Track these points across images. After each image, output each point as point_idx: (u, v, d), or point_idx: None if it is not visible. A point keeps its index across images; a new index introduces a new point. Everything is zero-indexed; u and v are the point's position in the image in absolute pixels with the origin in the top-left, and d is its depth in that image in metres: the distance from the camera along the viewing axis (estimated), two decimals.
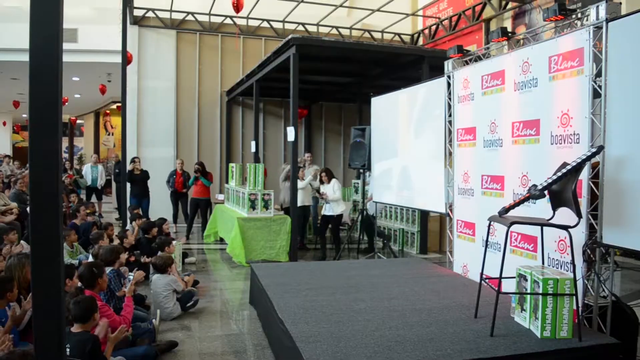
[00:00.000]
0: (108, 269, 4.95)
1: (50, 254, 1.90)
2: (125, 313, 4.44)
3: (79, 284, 4.25)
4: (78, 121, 28.19)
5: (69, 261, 5.87)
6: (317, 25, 14.03)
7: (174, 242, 6.77)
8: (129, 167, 10.55)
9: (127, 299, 4.65)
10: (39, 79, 1.86)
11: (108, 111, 23.49)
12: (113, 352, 3.83)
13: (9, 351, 2.77)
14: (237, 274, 7.58)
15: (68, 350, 3.29)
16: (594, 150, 3.76)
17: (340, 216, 8.61)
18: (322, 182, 8.73)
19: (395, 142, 7.80)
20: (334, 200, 8.49)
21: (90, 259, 5.74)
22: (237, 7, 9.29)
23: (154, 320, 4.76)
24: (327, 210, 8.56)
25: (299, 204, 8.68)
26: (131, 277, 5.14)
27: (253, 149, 11.70)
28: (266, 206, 8.27)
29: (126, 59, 9.12)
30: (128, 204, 9.66)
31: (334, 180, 8.67)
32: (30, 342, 3.52)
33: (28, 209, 7.98)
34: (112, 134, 24.17)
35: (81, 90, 18.84)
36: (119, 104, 14.02)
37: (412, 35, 14.87)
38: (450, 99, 6.16)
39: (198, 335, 4.88)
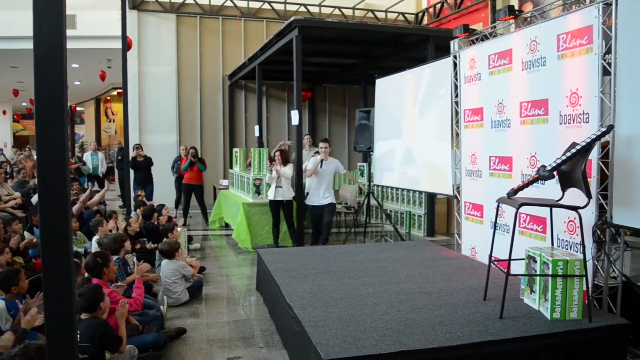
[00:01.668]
0: (113, 258, 4.99)
1: (60, 244, 1.93)
2: (136, 295, 4.48)
3: (86, 274, 4.30)
4: (78, 108, 28.19)
5: (75, 249, 5.93)
6: (319, 5, 13.92)
7: (178, 228, 6.82)
8: (132, 153, 10.59)
9: (138, 280, 4.69)
10: (44, 70, 1.87)
11: (108, 97, 23.46)
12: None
13: (24, 345, 2.81)
14: (243, 260, 7.64)
15: (78, 337, 3.34)
16: (603, 129, 3.75)
17: (292, 202, 7.98)
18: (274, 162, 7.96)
19: (400, 124, 7.79)
20: (286, 177, 7.82)
21: (95, 246, 5.79)
22: None
23: (161, 307, 4.82)
24: (278, 194, 7.88)
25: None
26: (135, 260, 5.19)
27: (257, 134, 11.70)
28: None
29: (126, 45, 9.09)
30: (132, 191, 9.72)
31: (290, 165, 7.96)
32: (41, 333, 3.57)
33: (33, 199, 8.07)
34: (114, 121, 24.17)
35: (81, 77, 18.82)
36: (120, 90, 14.01)
37: (417, 14, 14.75)
38: (456, 79, 6.13)
39: (206, 322, 4.94)
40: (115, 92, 21.19)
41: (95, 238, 6.07)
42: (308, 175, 7.96)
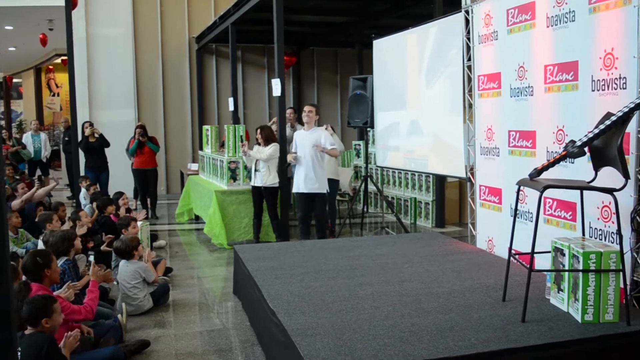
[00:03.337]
0: (62, 260, 4.97)
1: None
2: (89, 300, 4.42)
3: (24, 277, 4.26)
4: (15, 80, 27.84)
5: (15, 250, 5.89)
6: None
7: (138, 223, 6.80)
8: (86, 132, 10.50)
9: (93, 282, 4.65)
10: None
11: (51, 67, 23.19)
12: (74, 355, 3.87)
13: None
14: (217, 259, 7.65)
15: (19, 354, 3.33)
16: None
17: (276, 189, 7.84)
18: (257, 142, 7.94)
19: (402, 94, 7.78)
20: (263, 160, 7.70)
21: (41, 246, 5.75)
22: None
23: (119, 316, 4.82)
24: (258, 179, 7.80)
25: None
26: (92, 260, 5.16)
27: (231, 108, 11.65)
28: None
29: (71, 2, 8.97)
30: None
31: (272, 145, 7.78)
32: None
33: None
34: (58, 95, 23.92)
35: (16, 41, 18.55)
36: (65, 58, 13.83)
37: None
38: (469, 39, 6.12)
39: (174, 333, 4.95)
40: (59, 60, 20.92)
41: (42, 236, 6.03)
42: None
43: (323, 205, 7.72)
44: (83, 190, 9.08)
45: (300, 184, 7.46)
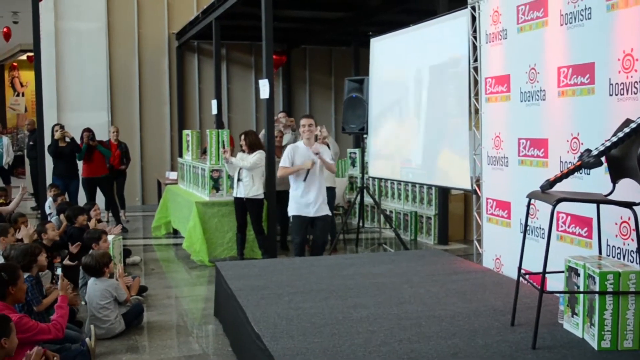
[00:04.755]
0: (24, 276, 4.94)
1: None
2: (58, 317, 4.39)
3: None
4: None
5: None
6: None
7: (109, 237, 6.76)
8: (56, 135, 10.46)
9: (62, 298, 4.62)
10: None
11: (15, 64, 23.18)
12: None
13: None
14: (197, 277, 7.63)
15: None
16: None
17: (261, 201, 7.83)
18: (241, 149, 7.98)
19: (401, 97, 7.81)
20: (247, 169, 7.67)
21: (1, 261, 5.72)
22: None
23: (87, 340, 4.78)
24: (240, 190, 7.79)
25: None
26: (60, 272, 5.13)
27: (214, 111, 11.64)
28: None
29: None
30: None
31: (257, 153, 7.76)
32: None
33: None
34: (23, 95, 23.88)
35: None
36: (31, 54, 13.82)
37: None
38: (475, 38, 6.15)
39: (148, 359, 4.92)
40: (24, 56, 20.93)
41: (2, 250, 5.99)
42: (279, 174, 7.15)
43: (328, 229, 7.40)
44: (49, 199, 9.03)
45: (305, 207, 6.91)
